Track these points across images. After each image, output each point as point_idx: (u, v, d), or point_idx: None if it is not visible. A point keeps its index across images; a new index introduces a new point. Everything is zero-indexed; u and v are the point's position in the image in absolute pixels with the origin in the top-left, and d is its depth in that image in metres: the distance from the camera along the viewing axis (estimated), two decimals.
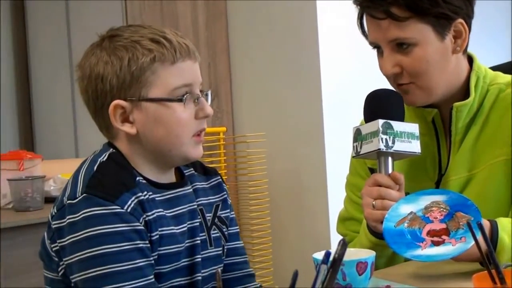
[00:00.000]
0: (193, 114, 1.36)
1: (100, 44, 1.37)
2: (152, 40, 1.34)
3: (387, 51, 1.57)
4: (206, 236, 1.44)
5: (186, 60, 1.35)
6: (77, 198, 1.28)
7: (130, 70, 1.32)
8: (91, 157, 1.38)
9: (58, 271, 1.34)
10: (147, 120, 1.34)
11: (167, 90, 1.33)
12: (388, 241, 1.45)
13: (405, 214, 1.47)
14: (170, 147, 1.35)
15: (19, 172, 2.77)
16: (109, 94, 1.33)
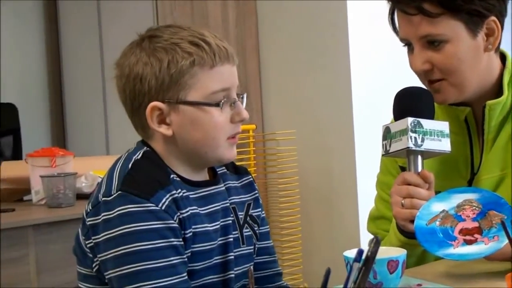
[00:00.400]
0: (229, 118, 1.37)
1: (139, 44, 1.37)
2: (191, 43, 1.34)
3: (418, 47, 1.55)
4: (239, 234, 1.44)
5: (224, 64, 1.36)
6: (112, 196, 1.30)
7: (170, 72, 1.32)
8: (125, 155, 1.38)
9: (93, 267, 1.35)
10: (183, 122, 1.34)
11: (205, 94, 1.34)
12: (420, 240, 1.44)
13: (437, 212, 1.47)
14: (206, 150, 1.36)
15: (51, 169, 2.79)
16: (147, 95, 1.34)
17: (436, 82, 1.57)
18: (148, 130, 1.37)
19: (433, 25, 1.52)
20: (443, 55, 1.54)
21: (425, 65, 1.55)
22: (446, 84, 1.56)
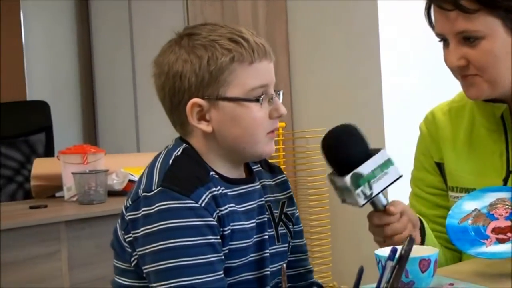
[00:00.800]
0: (267, 114, 1.37)
1: (178, 42, 1.38)
2: (230, 40, 1.35)
3: (454, 43, 1.54)
4: (274, 232, 1.45)
5: (263, 60, 1.37)
6: (153, 191, 1.31)
7: (209, 69, 1.33)
8: (165, 151, 1.40)
9: (131, 261, 1.36)
10: (223, 118, 1.35)
11: (245, 90, 1.35)
12: (451, 238, 1.44)
13: (469, 211, 1.46)
14: (245, 145, 1.37)
15: (83, 166, 2.81)
16: (186, 92, 1.35)
17: (469, 76, 1.56)
18: (187, 127, 1.38)
19: (470, 21, 1.51)
20: (478, 51, 1.52)
21: (461, 61, 1.54)
22: (480, 79, 1.55)
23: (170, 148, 1.40)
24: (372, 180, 1.39)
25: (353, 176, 1.38)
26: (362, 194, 1.39)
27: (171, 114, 1.41)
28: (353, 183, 1.38)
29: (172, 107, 1.39)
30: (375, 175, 1.39)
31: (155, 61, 1.42)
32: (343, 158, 1.41)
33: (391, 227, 1.43)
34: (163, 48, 1.42)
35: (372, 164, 1.39)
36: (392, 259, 0.96)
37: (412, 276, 1.25)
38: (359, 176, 1.38)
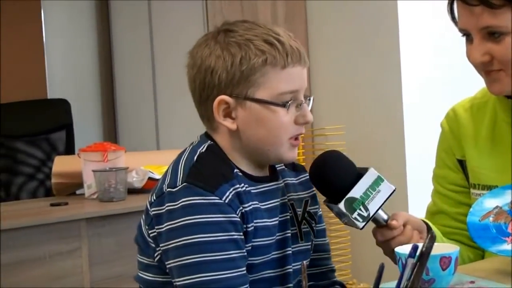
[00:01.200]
0: (293, 119, 1.37)
1: (215, 37, 1.38)
2: (265, 41, 1.34)
3: (478, 39, 1.52)
4: (297, 230, 1.45)
5: (296, 65, 1.36)
6: (177, 187, 1.31)
7: (241, 68, 1.33)
8: (189, 148, 1.40)
9: (154, 256, 1.37)
10: (249, 118, 1.35)
11: (274, 93, 1.35)
12: (472, 235, 1.43)
13: (490, 208, 1.45)
14: (268, 147, 1.37)
15: (103, 163, 2.82)
16: (216, 88, 1.35)
17: (493, 72, 1.54)
18: (213, 122, 1.39)
19: (495, 16, 1.49)
20: (503, 47, 1.51)
21: (485, 56, 1.53)
22: (504, 75, 1.53)
23: (195, 145, 1.40)
24: (366, 201, 1.40)
25: (346, 202, 1.39)
26: (359, 217, 1.40)
27: (199, 106, 1.41)
28: (348, 209, 1.39)
29: (200, 100, 1.39)
30: (368, 195, 1.40)
31: (190, 52, 1.41)
32: (332, 187, 1.42)
33: (396, 241, 1.43)
34: (199, 40, 1.41)
35: (363, 185, 1.40)
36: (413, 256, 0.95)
37: (432, 273, 1.24)
38: (352, 201, 1.39)
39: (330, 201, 1.43)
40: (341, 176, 1.42)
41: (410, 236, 1.43)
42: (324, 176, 1.43)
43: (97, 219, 2.58)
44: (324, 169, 1.44)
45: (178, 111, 3.80)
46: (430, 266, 1.23)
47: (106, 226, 2.60)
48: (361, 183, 1.40)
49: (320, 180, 1.44)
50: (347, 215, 1.39)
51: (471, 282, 1.33)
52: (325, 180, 1.43)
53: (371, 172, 1.42)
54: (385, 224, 1.43)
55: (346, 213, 1.39)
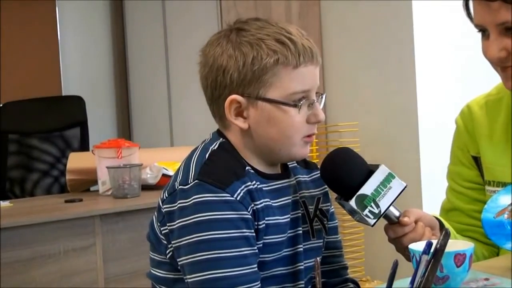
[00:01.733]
0: (305, 118, 1.37)
1: (227, 36, 1.38)
2: (277, 41, 1.34)
3: (494, 34, 1.51)
4: (309, 228, 1.45)
5: (308, 65, 1.36)
6: (189, 184, 1.32)
7: (253, 68, 1.33)
8: (201, 145, 1.41)
9: (166, 253, 1.38)
10: (260, 118, 1.35)
11: (285, 93, 1.35)
12: (487, 232, 1.42)
13: (505, 205, 1.44)
14: (280, 147, 1.37)
15: (117, 160, 2.83)
16: (228, 87, 1.35)
17: (509, 68, 1.53)
18: (225, 120, 1.39)
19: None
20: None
21: (501, 52, 1.51)
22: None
23: (207, 142, 1.41)
24: (377, 198, 1.39)
25: (357, 199, 1.39)
26: (370, 214, 1.39)
27: (211, 105, 1.41)
28: (359, 206, 1.39)
29: (212, 98, 1.39)
30: (379, 192, 1.39)
31: (202, 50, 1.41)
32: (343, 184, 1.42)
33: (408, 238, 1.42)
34: (211, 38, 1.41)
35: (374, 182, 1.40)
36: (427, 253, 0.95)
37: (447, 270, 1.24)
38: (363, 198, 1.39)
39: (341, 198, 1.43)
40: (352, 173, 1.41)
41: (422, 233, 1.43)
42: (335, 173, 1.43)
43: (111, 215, 2.59)
44: (335, 166, 1.43)
45: (192, 108, 3.81)
46: (444, 263, 1.23)
47: (120, 222, 2.61)
48: (372, 180, 1.40)
49: (331, 177, 1.44)
50: (358, 212, 1.39)
51: (486, 279, 1.33)
52: (335, 177, 1.43)
53: (382, 168, 1.41)
54: (397, 221, 1.43)
55: (357, 210, 1.38)
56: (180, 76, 4.00)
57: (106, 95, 4.53)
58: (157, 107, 4.18)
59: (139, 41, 4.34)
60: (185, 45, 3.89)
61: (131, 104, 4.44)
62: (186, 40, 3.89)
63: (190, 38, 3.81)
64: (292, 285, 1.42)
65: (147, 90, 4.29)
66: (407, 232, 1.42)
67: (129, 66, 4.42)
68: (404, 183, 1.42)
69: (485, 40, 1.55)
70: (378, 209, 1.39)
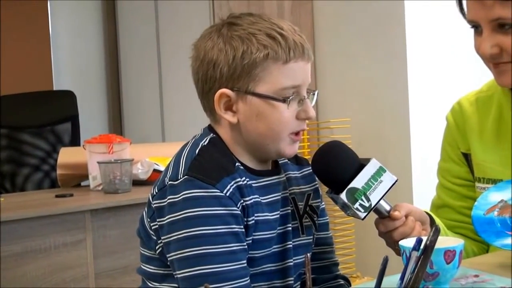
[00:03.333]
0: (295, 114, 1.37)
1: (218, 30, 1.38)
2: (268, 36, 1.34)
3: (488, 31, 1.51)
4: (298, 224, 1.45)
5: (298, 60, 1.36)
6: (179, 180, 1.32)
7: (242, 62, 1.34)
8: (192, 141, 1.41)
9: (156, 249, 1.38)
10: (249, 112, 1.36)
11: (275, 88, 1.35)
12: (477, 229, 1.43)
13: (495, 202, 1.45)
14: (268, 142, 1.37)
15: (108, 155, 2.83)
16: (217, 81, 1.36)
17: (502, 64, 1.53)
18: (215, 114, 1.39)
19: (506, 8, 1.47)
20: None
21: (494, 48, 1.51)
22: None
23: (197, 138, 1.41)
24: (368, 191, 1.39)
25: (348, 192, 1.39)
26: (361, 207, 1.39)
27: (202, 98, 1.42)
28: (349, 199, 1.39)
29: (203, 92, 1.40)
30: (370, 186, 1.39)
31: (194, 44, 1.42)
32: (334, 177, 1.42)
33: (398, 232, 1.42)
34: (204, 32, 1.42)
35: (365, 176, 1.40)
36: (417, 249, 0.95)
37: (437, 267, 1.24)
38: (354, 191, 1.39)
39: (332, 192, 1.43)
40: (343, 166, 1.41)
41: (412, 227, 1.43)
42: (326, 166, 1.43)
43: (102, 210, 2.59)
44: (326, 159, 1.43)
45: (183, 103, 3.80)
46: (434, 260, 1.23)
47: (111, 218, 2.60)
48: (363, 173, 1.40)
49: (322, 170, 1.44)
50: (349, 205, 1.39)
51: (475, 276, 1.33)
52: (327, 170, 1.43)
53: (373, 162, 1.41)
54: (387, 215, 1.43)
55: (347, 203, 1.39)
56: (172, 72, 3.99)
57: (98, 90, 4.52)
58: (149, 102, 4.17)
59: (131, 36, 4.33)
60: (177, 41, 3.89)
61: (122, 99, 4.43)
62: (178, 36, 3.89)
63: (182, 34, 3.80)
64: (281, 281, 1.42)
65: (139, 85, 4.28)
66: (397, 226, 1.42)
67: (121, 61, 4.41)
68: (395, 177, 1.42)
69: (477, 36, 1.55)
70: (368, 202, 1.39)
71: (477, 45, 1.55)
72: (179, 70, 3.83)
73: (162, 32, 4.05)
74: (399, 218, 1.42)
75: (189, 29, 3.61)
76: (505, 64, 1.52)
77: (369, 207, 1.40)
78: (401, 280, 1.08)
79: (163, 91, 4.07)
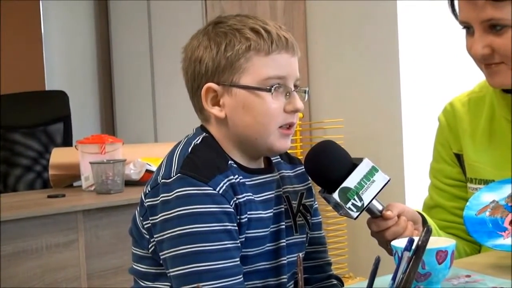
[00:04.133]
0: (282, 107, 1.37)
1: (205, 29, 1.41)
2: (252, 30, 1.36)
3: (479, 31, 1.51)
4: (292, 223, 1.45)
5: (282, 52, 1.37)
6: (172, 178, 1.32)
7: (226, 55, 1.35)
8: (184, 140, 1.41)
9: (148, 248, 1.38)
10: (236, 105, 1.36)
11: (259, 79, 1.35)
12: (469, 230, 1.43)
13: (487, 202, 1.45)
14: (256, 136, 1.37)
15: (101, 155, 2.83)
16: (204, 77, 1.37)
17: (493, 65, 1.53)
18: (205, 112, 1.40)
19: (498, 9, 1.47)
20: (504, 40, 1.49)
21: (485, 49, 1.51)
22: (505, 68, 1.52)
23: (190, 137, 1.41)
24: (361, 191, 1.39)
25: (340, 192, 1.39)
26: (353, 207, 1.39)
27: (192, 98, 1.43)
28: (342, 198, 1.39)
29: (192, 91, 1.41)
30: (362, 185, 1.40)
31: (184, 47, 1.44)
32: (327, 177, 1.42)
33: (390, 231, 1.43)
34: (193, 35, 1.44)
35: (357, 175, 1.40)
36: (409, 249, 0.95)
37: (428, 267, 1.24)
38: (346, 190, 1.39)
39: (324, 191, 1.43)
40: (336, 166, 1.41)
41: (405, 227, 1.43)
42: (319, 165, 1.43)
43: (94, 211, 2.58)
44: (319, 158, 1.43)
45: (176, 104, 3.80)
46: (426, 260, 1.23)
47: (103, 218, 2.60)
48: (356, 173, 1.40)
49: (315, 170, 1.44)
50: (341, 204, 1.39)
51: (467, 276, 1.33)
52: (319, 170, 1.43)
53: (366, 162, 1.41)
54: (380, 215, 1.43)
55: (340, 203, 1.39)
56: (165, 73, 3.99)
57: (90, 90, 4.51)
58: (141, 102, 4.16)
59: (123, 36, 4.32)
60: (170, 42, 3.88)
61: (115, 99, 4.42)
62: (170, 37, 3.88)
63: (175, 35, 3.80)
64: (275, 279, 1.42)
65: (131, 85, 4.28)
66: (389, 226, 1.42)
67: (113, 61, 4.40)
68: (387, 177, 1.42)
69: (469, 37, 1.55)
70: (361, 202, 1.39)
71: (468, 46, 1.56)
72: (171, 70, 3.82)
73: (155, 32, 4.04)
74: (392, 217, 1.42)
75: (182, 29, 3.61)
76: (496, 65, 1.53)
77: (362, 207, 1.40)
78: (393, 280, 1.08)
79: (156, 91, 4.06)
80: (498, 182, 1.47)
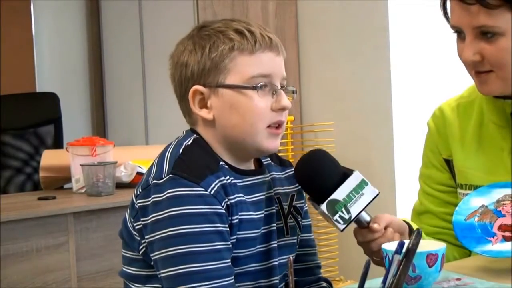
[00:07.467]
0: (269, 106, 1.38)
1: (190, 34, 1.42)
2: (235, 31, 1.37)
3: (470, 37, 1.51)
4: (283, 224, 1.46)
5: (266, 51, 1.38)
6: (163, 179, 1.32)
7: (210, 56, 1.36)
8: (175, 141, 1.41)
9: (139, 249, 1.37)
10: (222, 106, 1.37)
11: (244, 78, 1.36)
12: (458, 235, 1.43)
13: (476, 207, 1.45)
14: (244, 136, 1.37)
15: (91, 157, 2.82)
16: (190, 81, 1.39)
17: (483, 73, 1.54)
18: (193, 116, 1.41)
19: (491, 16, 1.47)
20: (495, 47, 1.49)
21: (476, 56, 1.51)
22: (494, 76, 1.52)
23: (181, 138, 1.42)
24: (349, 204, 1.40)
25: (328, 204, 1.39)
26: (340, 219, 1.39)
27: (180, 103, 1.44)
28: (330, 210, 1.39)
29: (180, 95, 1.42)
30: (351, 198, 1.40)
31: (171, 54, 1.45)
32: (316, 188, 1.42)
33: (377, 243, 1.43)
34: (178, 41, 1.45)
35: (346, 188, 1.40)
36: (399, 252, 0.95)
37: (419, 270, 1.25)
38: (335, 203, 1.39)
39: (313, 199, 1.44)
40: (325, 177, 1.41)
41: (391, 239, 1.43)
42: (308, 176, 1.43)
43: (85, 213, 2.58)
44: (308, 169, 1.43)
45: (167, 106, 3.79)
46: (416, 263, 1.24)
47: (94, 220, 2.59)
48: (345, 185, 1.40)
49: (304, 180, 1.45)
50: (328, 216, 1.39)
51: (457, 279, 1.34)
52: (308, 181, 1.44)
53: (356, 175, 1.42)
54: (367, 226, 1.43)
55: (327, 214, 1.39)
56: (156, 75, 3.98)
57: (81, 92, 4.50)
58: (132, 105, 4.16)
59: (115, 37, 4.31)
60: (161, 44, 3.87)
61: (106, 101, 4.41)
62: (162, 38, 3.88)
63: (167, 37, 3.79)
64: (266, 281, 1.42)
65: (122, 87, 4.27)
66: (375, 238, 1.43)
67: (105, 63, 4.39)
68: (376, 191, 1.42)
69: (460, 42, 1.55)
70: (348, 215, 1.39)
71: (459, 51, 1.56)
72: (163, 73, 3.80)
73: (146, 33, 4.04)
74: (378, 230, 1.42)
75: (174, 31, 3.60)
76: (486, 74, 1.53)
77: (349, 220, 1.40)
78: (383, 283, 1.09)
79: (147, 94, 4.06)
80: (487, 187, 1.48)
